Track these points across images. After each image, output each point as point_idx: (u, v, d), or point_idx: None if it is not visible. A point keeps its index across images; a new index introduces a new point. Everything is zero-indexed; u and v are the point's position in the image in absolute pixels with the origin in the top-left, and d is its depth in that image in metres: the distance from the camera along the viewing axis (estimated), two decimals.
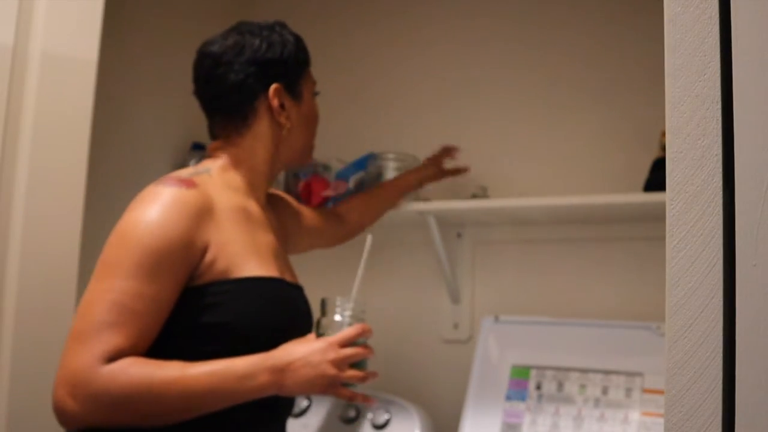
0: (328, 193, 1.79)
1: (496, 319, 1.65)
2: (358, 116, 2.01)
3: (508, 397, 1.55)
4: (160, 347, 1.08)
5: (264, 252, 1.21)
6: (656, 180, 1.52)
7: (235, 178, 1.26)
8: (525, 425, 1.50)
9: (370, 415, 1.61)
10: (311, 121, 1.36)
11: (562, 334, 1.58)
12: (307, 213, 1.53)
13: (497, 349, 1.62)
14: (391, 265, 1.92)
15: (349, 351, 1.12)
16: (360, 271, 1.23)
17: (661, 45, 0.63)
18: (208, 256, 1.12)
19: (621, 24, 1.74)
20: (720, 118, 0.60)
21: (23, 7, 1.28)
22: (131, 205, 1.13)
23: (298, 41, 1.32)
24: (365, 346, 1.16)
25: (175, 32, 1.95)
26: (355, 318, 1.19)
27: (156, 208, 1.10)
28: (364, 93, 2.02)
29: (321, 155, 1.94)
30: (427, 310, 1.88)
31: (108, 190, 1.60)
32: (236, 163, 1.27)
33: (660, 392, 1.43)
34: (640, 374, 1.47)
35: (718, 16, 0.61)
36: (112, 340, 1.02)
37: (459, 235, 1.85)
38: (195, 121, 1.43)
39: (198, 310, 1.11)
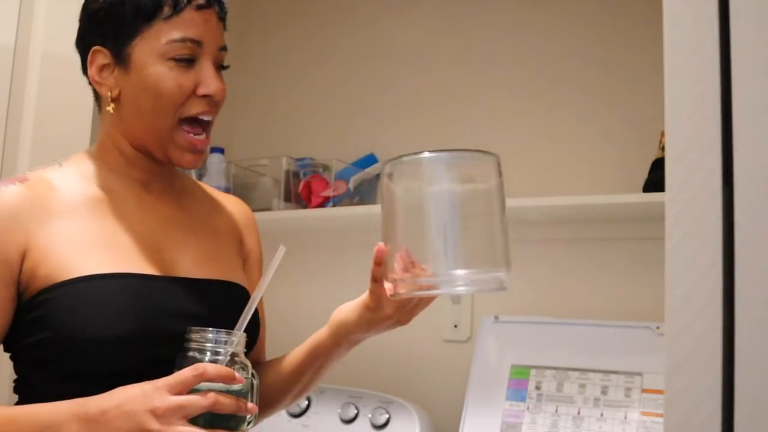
0: (328, 193, 1.79)
1: (496, 318, 1.65)
2: (358, 116, 2.01)
3: (508, 397, 1.55)
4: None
5: (124, 243, 0.95)
6: (656, 180, 1.52)
7: (95, 166, 1.02)
8: (525, 425, 1.50)
9: (369, 415, 1.61)
10: (150, 94, 0.95)
11: (562, 334, 1.58)
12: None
13: (497, 349, 1.62)
14: None
15: (180, 399, 0.80)
16: (257, 294, 0.89)
17: (661, 44, 0.64)
18: (28, 263, 0.91)
19: (621, 23, 1.74)
20: (720, 118, 0.61)
21: (24, 8, 1.28)
22: None
23: None
24: (234, 396, 0.83)
25: None
26: (226, 358, 0.85)
27: None
28: (364, 93, 2.02)
29: (321, 155, 1.95)
30: (427, 310, 1.86)
31: None
32: (99, 147, 1.04)
33: (660, 392, 1.43)
34: (639, 374, 1.47)
35: (718, 16, 0.61)
36: None
37: None
38: None
39: (21, 330, 0.92)
